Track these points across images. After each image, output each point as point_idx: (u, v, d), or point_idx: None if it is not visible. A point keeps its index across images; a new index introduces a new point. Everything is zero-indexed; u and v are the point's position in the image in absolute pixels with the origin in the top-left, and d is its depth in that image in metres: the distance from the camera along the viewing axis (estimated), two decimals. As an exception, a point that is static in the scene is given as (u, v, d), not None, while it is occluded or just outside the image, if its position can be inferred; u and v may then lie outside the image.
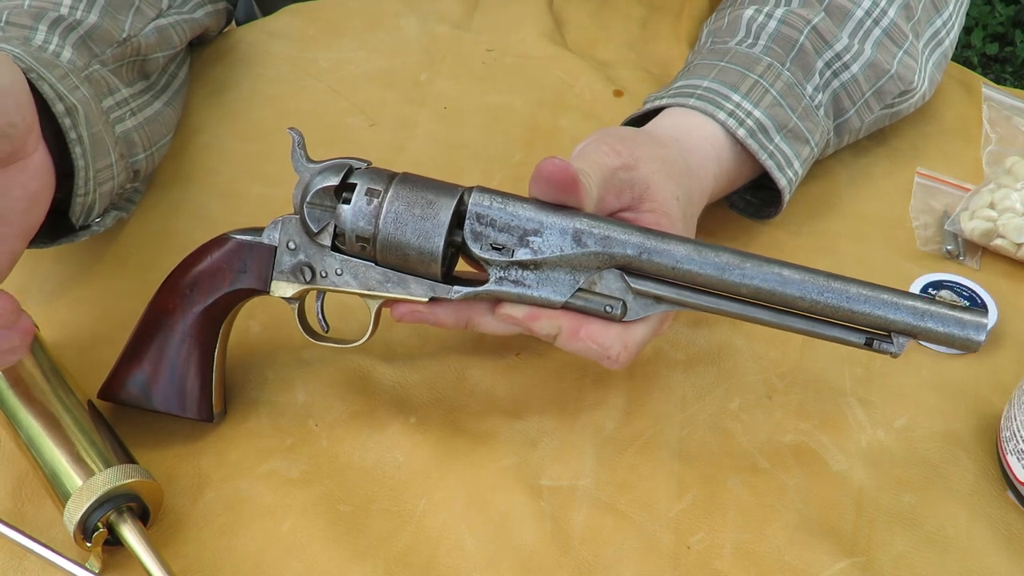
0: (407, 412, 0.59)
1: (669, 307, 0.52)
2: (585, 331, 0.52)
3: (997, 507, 0.56)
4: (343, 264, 0.53)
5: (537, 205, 0.52)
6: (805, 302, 0.50)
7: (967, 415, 0.60)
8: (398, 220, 0.51)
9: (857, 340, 0.51)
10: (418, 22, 0.87)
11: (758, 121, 0.63)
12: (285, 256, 0.54)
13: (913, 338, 0.50)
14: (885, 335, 0.51)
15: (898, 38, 0.70)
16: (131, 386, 0.56)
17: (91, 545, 0.50)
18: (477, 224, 0.51)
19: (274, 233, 0.54)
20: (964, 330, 0.50)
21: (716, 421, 0.60)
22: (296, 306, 0.56)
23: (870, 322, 0.50)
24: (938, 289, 0.65)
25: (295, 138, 0.53)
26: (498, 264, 0.52)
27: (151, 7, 0.71)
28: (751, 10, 0.69)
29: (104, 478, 0.50)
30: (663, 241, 0.51)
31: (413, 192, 0.52)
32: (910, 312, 0.50)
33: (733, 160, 0.64)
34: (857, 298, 0.50)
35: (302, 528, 0.54)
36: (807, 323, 0.51)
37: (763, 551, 0.54)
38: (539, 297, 0.52)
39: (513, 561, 0.53)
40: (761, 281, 0.50)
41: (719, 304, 0.52)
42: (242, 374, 0.61)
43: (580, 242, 0.51)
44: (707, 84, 0.65)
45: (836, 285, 0.50)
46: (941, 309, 0.50)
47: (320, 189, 0.52)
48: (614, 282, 0.52)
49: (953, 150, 0.78)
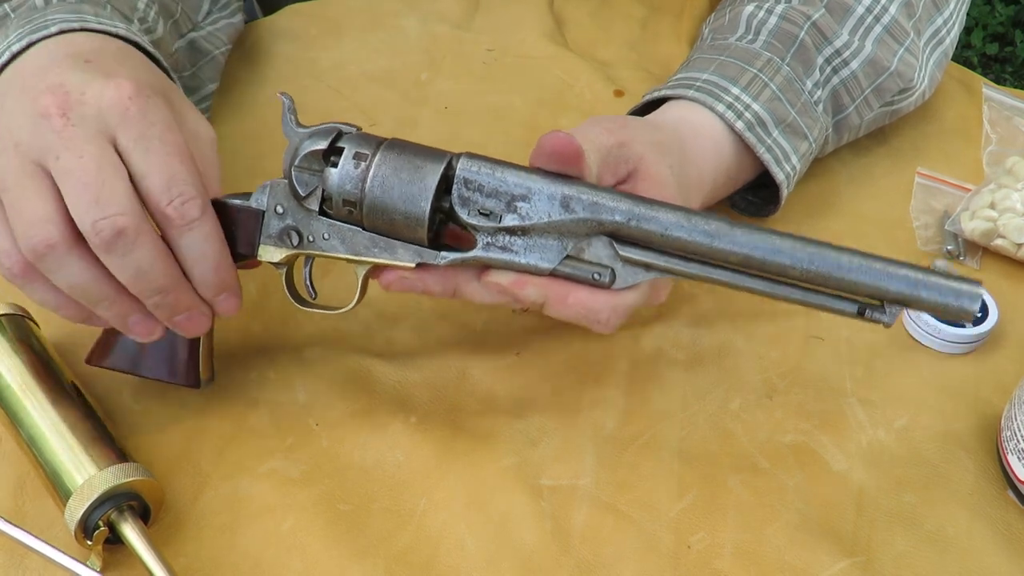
0: (407, 411, 0.59)
1: (658, 275, 0.51)
2: (574, 297, 0.51)
3: (997, 507, 0.56)
4: (330, 229, 0.53)
5: (526, 171, 0.51)
6: (796, 271, 0.49)
7: (967, 415, 0.60)
8: (385, 184, 0.51)
9: (849, 309, 0.50)
10: (419, 22, 0.87)
11: (756, 115, 0.64)
12: (273, 220, 0.54)
13: (906, 307, 0.49)
14: (878, 304, 0.50)
15: (899, 35, 0.70)
16: (120, 351, 0.55)
17: (92, 544, 0.50)
18: (465, 189, 0.51)
19: (262, 197, 0.54)
20: (959, 299, 0.48)
21: (716, 421, 0.60)
22: (284, 271, 0.56)
23: (863, 291, 0.49)
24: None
25: (285, 102, 0.53)
26: (486, 230, 0.51)
27: (187, 21, 0.72)
28: (751, 6, 0.69)
29: (105, 476, 0.50)
30: (652, 208, 0.50)
31: (401, 157, 0.51)
32: (904, 281, 0.48)
33: (732, 153, 0.64)
34: (849, 267, 0.49)
35: (302, 527, 0.54)
36: (799, 292, 0.50)
37: (763, 551, 0.54)
38: (527, 264, 0.51)
39: (513, 560, 0.53)
40: (751, 249, 0.49)
41: (709, 272, 0.51)
42: (243, 373, 0.61)
43: (568, 208, 0.50)
44: (706, 77, 0.65)
45: (828, 253, 0.49)
46: (935, 278, 0.48)
47: (308, 153, 0.52)
48: (603, 249, 0.51)
49: (953, 150, 0.78)
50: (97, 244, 0.47)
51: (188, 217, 0.49)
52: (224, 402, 0.59)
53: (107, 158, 0.47)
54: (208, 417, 0.59)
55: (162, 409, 0.59)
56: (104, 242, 0.47)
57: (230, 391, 0.60)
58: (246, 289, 0.65)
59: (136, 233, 0.47)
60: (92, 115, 0.48)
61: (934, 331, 0.63)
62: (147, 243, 0.48)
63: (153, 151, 0.48)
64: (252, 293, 0.65)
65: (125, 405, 0.59)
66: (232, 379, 0.61)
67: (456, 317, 0.65)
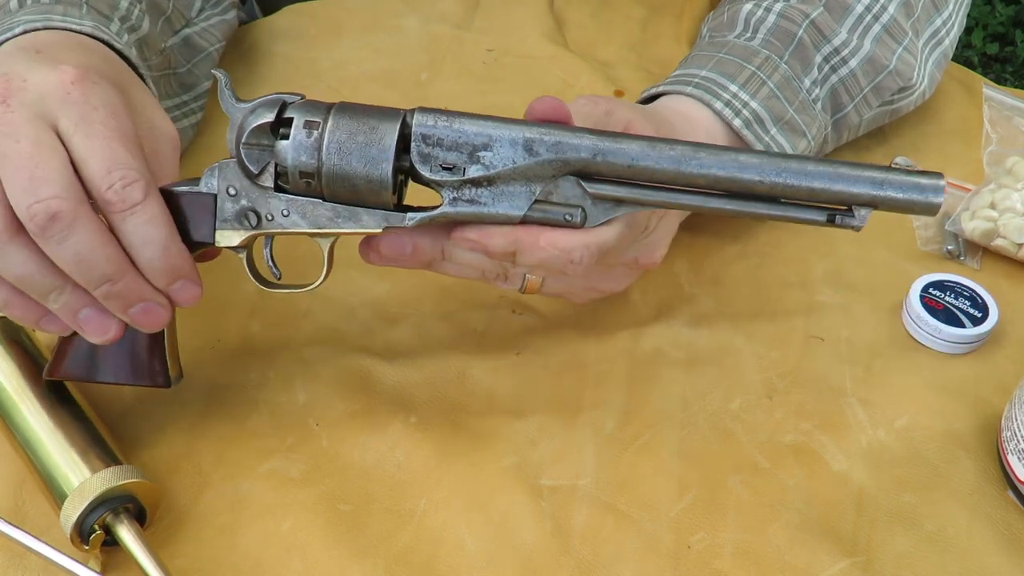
0: (407, 411, 0.59)
1: (629, 208, 0.51)
2: (545, 239, 0.51)
3: (998, 507, 0.56)
4: (289, 204, 0.51)
5: (483, 119, 0.50)
6: (764, 185, 0.49)
7: (967, 415, 0.60)
8: (342, 150, 0.49)
9: (818, 217, 0.50)
10: (419, 22, 0.87)
11: (754, 112, 0.64)
12: (227, 203, 0.51)
13: (874, 208, 0.50)
14: (846, 209, 0.50)
15: (897, 34, 0.70)
16: (76, 358, 0.52)
17: (89, 547, 0.50)
18: (424, 145, 0.50)
19: (212, 180, 0.51)
20: (923, 194, 0.49)
21: (716, 421, 0.60)
22: (244, 255, 0.53)
23: (830, 197, 0.49)
24: (940, 289, 0.65)
25: (221, 79, 0.51)
26: (450, 184, 0.50)
27: (179, 18, 0.72)
28: (750, 4, 0.70)
29: (99, 480, 0.50)
30: (616, 140, 0.50)
31: (353, 120, 0.49)
32: (869, 182, 0.49)
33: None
34: (815, 174, 0.49)
35: (302, 527, 0.54)
36: (767, 206, 0.50)
37: (763, 551, 0.54)
38: (496, 213, 0.50)
39: (513, 560, 0.53)
40: (719, 169, 0.49)
41: (678, 198, 0.51)
42: (243, 374, 0.61)
43: (532, 151, 0.50)
44: (704, 73, 0.65)
45: (793, 164, 0.49)
46: (898, 176, 0.49)
47: (255, 128, 0.49)
48: (571, 189, 0.51)
49: (954, 150, 0.78)
50: (33, 230, 0.45)
51: (130, 201, 0.47)
52: (224, 402, 0.59)
53: (44, 141, 0.46)
54: (208, 417, 0.59)
55: (162, 409, 0.59)
56: (39, 227, 0.45)
57: (230, 391, 0.60)
58: (246, 289, 0.65)
59: (72, 217, 0.45)
60: (32, 100, 0.47)
61: (934, 331, 0.63)
62: (85, 227, 0.46)
63: (94, 135, 0.47)
64: (252, 293, 0.65)
65: (125, 405, 0.59)
66: (232, 379, 0.61)
67: (456, 317, 0.65)
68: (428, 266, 0.54)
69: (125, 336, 0.51)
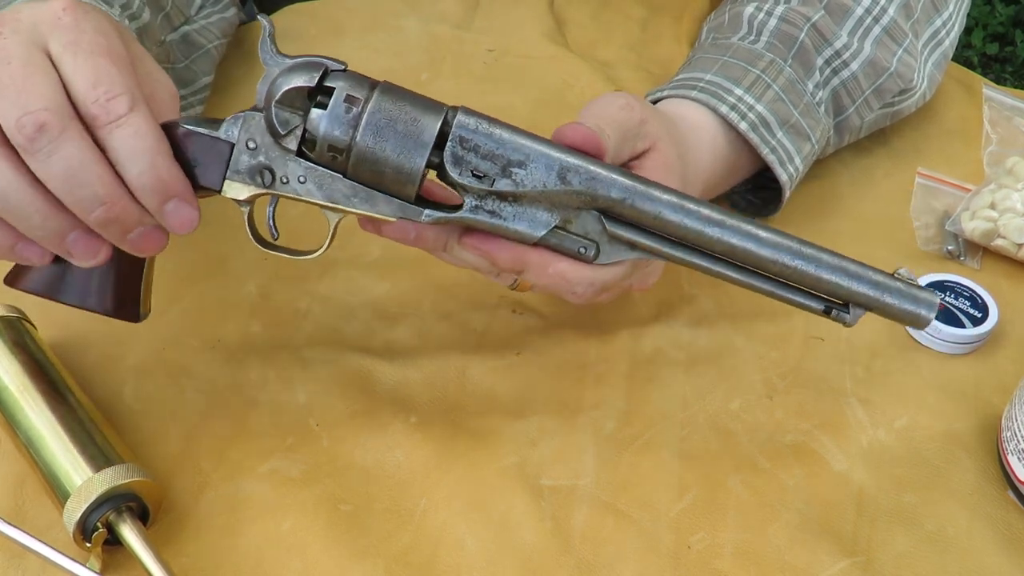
0: (408, 411, 0.59)
1: (641, 255, 0.52)
2: (554, 268, 0.51)
3: (998, 507, 0.56)
4: (308, 172, 0.49)
5: (524, 135, 0.50)
6: (776, 266, 0.50)
7: (968, 415, 0.60)
8: (379, 134, 0.48)
9: (816, 307, 0.52)
10: (419, 22, 0.87)
11: (760, 115, 0.64)
12: (243, 156, 0.49)
13: (868, 310, 0.51)
14: (842, 305, 0.52)
15: (898, 36, 0.70)
16: (42, 271, 0.50)
17: (91, 545, 0.50)
18: (460, 148, 0.49)
19: (233, 129, 0.49)
20: (917, 307, 0.51)
21: (716, 421, 0.60)
22: (247, 210, 0.52)
23: (832, 291, 0.51)
24: (940, 289, 0.65)
25: (266, 26, 0.49)
26: (475, 192, 0.49)
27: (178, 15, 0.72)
28: (751, 7, 0.69)
29: (102, 478, 0.50)
30: (649, 188, 0.50)
31: (396, 105, 0.48)
32: (871, 284, 0.51)
33: (727, 153, 0.64)
34: (827, 266, 0.50)
35: (303, 527, 0.54)
36: (772, 285, 0.52)
37: (763, 551, 0.54)
38: (513, 230, 0.50)
39: (513, 561, 0.53)
40: (738, 240, 0.50)
41: (690, 257, 0.51)
42: (243, 373, 0.61)
43: (565, 180, 0.49)
44: (709, 77, 0.65)
45: (808, 252, 0.50)
46: (899, 285, 0.51)
47: (292, 88, 0.48)
48: (591, 224, 0.51)
49: (954, 150, 0.78)
50: (21, 143, 0.44)
51: (114, 113, 0.45)
52: (224, 402, 0.59)
53: (34, 61, 0.45)
54: (208, 417, 0.59)
55: (162, 409, 0.59)
56: (27, 139, 0.44)
57: (230, 391, 0.60)
58: (246, 289, 0.65)
59: (60, 128, 0.44)
60: (25, 28, 0.46)
61: (934, 331, 0.63)
62: (74, 142, 0.45)
63: (81, 53, 0.46)
64: (252, 293, 0.65)
65: (125, 405, 0.59)
66: (232, 379, 0.61)
67: (456, 317, 0.65)
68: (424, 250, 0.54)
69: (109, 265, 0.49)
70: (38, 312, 0.61)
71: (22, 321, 0.58)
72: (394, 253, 0.65)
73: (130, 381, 0.60)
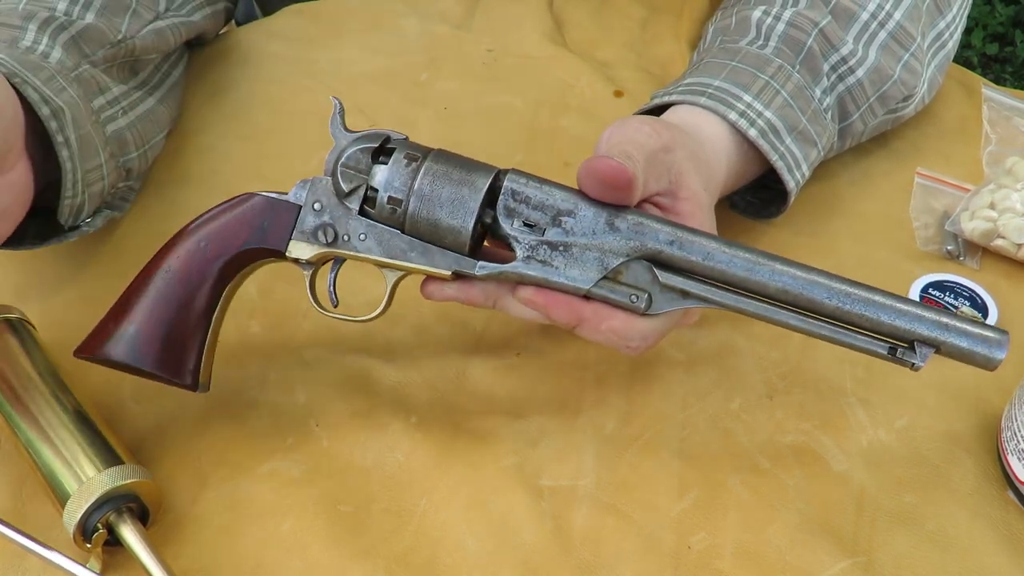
0: (407, 412, 0.59)
1: (695, 303, 0.51)
2: (607, 325, 0.51)
3: (998, 507, 0.56)
4: (369, 229, 0.52)
5: (571, 190, 0.52)
6: (830, 306, 0.50)
7: (968, 415, 0.60)
8: (434, 184, 0.51)
9: (880, 349, 0.50)
10: (418, 22, 0.87)
11: (769, 122, 0.63)
12: (309, 216, 0.53)
13: (936, 351, 0.50)
14: (907, 345, 0.50)
15: (904, 41, 0.69)
16: (117, 342, 0.52)
17: (91, 546, 0.50)
18: (512, 200, 0.51)
19: (301, 192, 0.53)
20: (988, 348, 0.49)
21: (717, 421, 0.60)
22: (309, 274, 0.55)
23: (893, 331, 0.50)
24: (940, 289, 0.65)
25: (337, 105, 0.53)
26: (527, 243, 0.51)
27: (148, 10, 0.71)
28: (759, 11, 0.69)
29: (103, 479, 0.50)
30: (694, 234, 0.51)
31: (450, 162, 0.52)
32: (934, 325, 0.49)
33: (739, 161, 0.64)
34: (882, 306, 0.49)
35: (303, 528, 0.54)
36: (831, 329, 0.51)
37: (764, 551, 0.54)
38: (564, 281, 0.51)
39: (513, 561, 0.53)
40: (790, 280, 0.50)
41: (745, 303, 0.51)
42: (242, 374, 0.61)
43: (613, 227, 0.51)
44: (718, 83, 0.64)
45: (862, 293, 0.50)
46: (967, 325, 0.49)
47: (358, 150, 0.52)
48: (642, 274, 0.51)
49: (953, 150, 0.78)
50: None
51: None
52: (224, 403, 0.59)
53: None
54: (208, 418, 0.59)
55: (162, 410, 0.59)
56: None
57: (230, 392, 0.60)
58: (246, 289, 0.65)
59: None
60: None
61: (934, 331, 0.63)
62: None
63: None
64: (252, 294, 0.65)
65: (125, 406, 0.59)
66: (232, 379, 0.61)
67: (456, 317, 0.65)
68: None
69: (171, 330, 0.52)
70: (38, 312, 0.61)
71: (22, 321, 0.58)
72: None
73: (130, 381, 0.60)
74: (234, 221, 0.53)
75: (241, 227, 0.53)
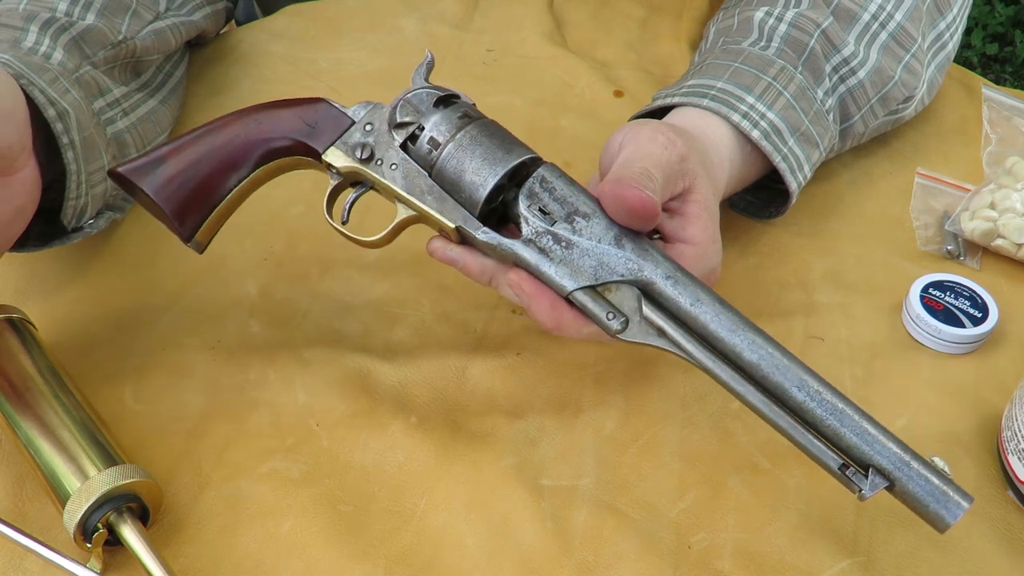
0: (407, 412, 0.59)
1: (666, 345, 0.52)
2: (586, 333, 0.53)
3: (998, 507, 0.56)
4: (402, 162, 0.55)
5: (598, 202, 0.53)
6: (798, 397, 0.49)
7: (968, 415, 0.60)
8: (475, 140, 0.53)
9: (831, 462, 0.49)
10: (418, 22, 0.87)
11: (772, 123, 0.63)
12: (357, 133, 0.56)
13: (889, 487, 0.48)
14: (862, 471, 0.48)
15: (905, 42, 0.69)
16: (150, 170, 0.55)
17: (91, 546, 0.50)
18: (538, 185, 0.53)
19: (361, 111, 0.57)
20: (941, 505, 0.47)
21: (717, 421, 0.60)
22: (334, 184, 0.57)
23: (852, 449, 0.48)
24: (940, 289, 0.65)
25: (428, 56, 0.58)
26: (534, 227, 0.53)
27: (148, 10, 0.71)
28: (761, 12, 0.69)
29: (103, 479, 0.50)
30: (691, 278, 0.52)
31: (497, 131, 0.55)
32: (896, 459, 0.48)
33: (742, 162, 0.64)
34: (850, 420, 0.48)
35: (303, 528, 0.54)
36: (790, 423, 0.50)
37: (764, 551, 0.54)
38: (553, 274, 0.52)
39: (513, 561, 0.53)
40: (767, 356, 0.50)
41: (714, 364, 0.51)
42: (242, 374, 0.61)
43: (619, 243, 0.52)
44: (721, 85, 0.64)
45: (834, 399, 0.49)
46: (929, 473, 0.48)
47: (425, 92, 0.56)
48: (629, 299, 0.52)
49: (953, 150, 0.78)
50: None
51: None
52: (224, 402, 0.59)
53: None
54: (208, 418, 0.59)
55: (162, 409, 0.59)
56: None
57: (230, 391, 0.60)
58: (245, 289, 0.65)
59: None
60: None
61: (934, 331, 0.63)
62: None
63: None
64: (252, 293, 0.65)
65: (125, 405, 0.59)
66: (232, 379, 0.61)
67: (456, 317, 0.65)
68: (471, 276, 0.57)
69: (196, 183, 0.55)
70: (38, 312, 0.61)
71: (23, 321, 0.58)
72: (393, 254, 0.65)
73: (130, 381, 0.60)
74: (292, 112, 0.57)
75: (295, 119, 0.57)
